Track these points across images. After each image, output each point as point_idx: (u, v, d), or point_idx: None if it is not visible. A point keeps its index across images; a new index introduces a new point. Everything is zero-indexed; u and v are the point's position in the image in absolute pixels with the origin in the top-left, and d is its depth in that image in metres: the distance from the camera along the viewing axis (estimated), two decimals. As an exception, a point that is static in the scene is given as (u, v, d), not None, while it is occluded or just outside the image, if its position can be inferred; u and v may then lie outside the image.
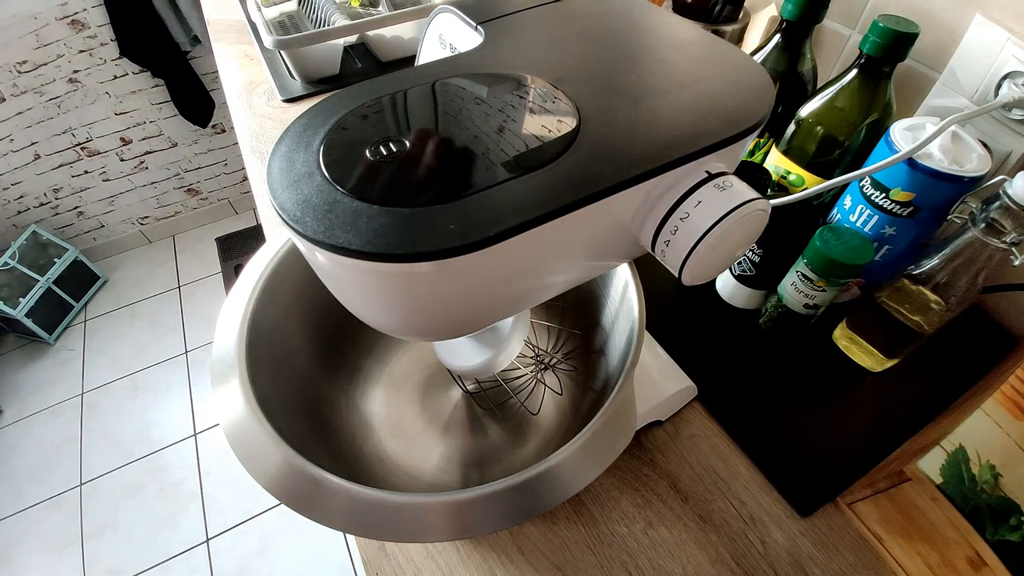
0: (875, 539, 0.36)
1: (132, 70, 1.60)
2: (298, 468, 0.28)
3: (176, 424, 1.49)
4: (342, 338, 0.42)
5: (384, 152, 0.20)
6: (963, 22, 0.41)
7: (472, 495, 0.26)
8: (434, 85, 0.23)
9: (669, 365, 0.42)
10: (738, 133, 0.21)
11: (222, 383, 0.31)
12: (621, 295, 0.37)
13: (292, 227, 0.18)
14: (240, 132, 0.69)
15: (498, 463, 0.40)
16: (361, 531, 0.26)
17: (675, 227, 0.20)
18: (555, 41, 0.26)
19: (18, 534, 1.32)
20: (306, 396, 0.38)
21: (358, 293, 0.21)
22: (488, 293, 0.21)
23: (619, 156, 0.20)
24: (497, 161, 0.19)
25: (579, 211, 0.19)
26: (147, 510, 1.34)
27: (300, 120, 0.22)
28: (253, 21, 0.76)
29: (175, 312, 1.77)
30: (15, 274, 1.61)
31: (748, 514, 0.38)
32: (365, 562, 0.36)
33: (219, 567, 1.25)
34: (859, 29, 0.49)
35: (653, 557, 0.36)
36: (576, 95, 0.22)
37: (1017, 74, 0.37)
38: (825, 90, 0.42)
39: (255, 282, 0.36)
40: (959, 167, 0.35)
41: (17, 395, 1.58)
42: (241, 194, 2.04)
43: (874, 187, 0.39)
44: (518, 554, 0.36)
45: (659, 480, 0.39)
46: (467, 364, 0.34)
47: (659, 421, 0.41)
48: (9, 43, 1.42)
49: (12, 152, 1.59)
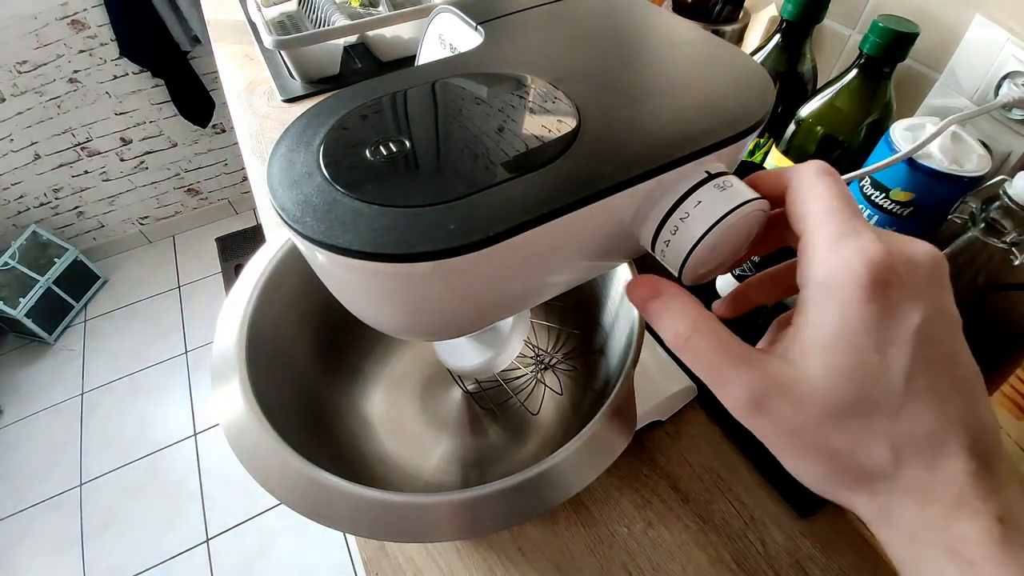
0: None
1: (132, 70, 1.60)
2: (298, 468, 0.28)
3: (176, 424, 1.49)
4: (342, 338, 0.42)
5: (384, 152, 0.20)
6: (963, 22, 0.41)
7: (472, 495, 0.26)
8: (434, 85, 0.23)
9: (669, 365, 0.42)
10: (738, 133, 0.21)
11: (222, 383, 0.31)
12: (621, 295, 0.37)
13: (292, 227, 0.18)
14: (240, 132, 0.69)
15: (498, 463, 0.40)
16: (361, 531, 0.27)
17: (675, 227, 0.20)
18: (555, 41, 0.26)
19: (18, 534, 1.32)
20: (306, 396, 0.38)
21: (358, 293, 0.21)
22: (488, 293, 0.21)
23: (619, 156, 0.20)
24: (497, 161, 0.19)
25: (579, 211, 0.19)
26: (147, 510, 1.34)
27: (300, 120, 0.22)
28: (253, 21, 0.76)
29: (175, 312, 1.77)
30: (15, 274, 1.61)
31: (748, 514, 0.38)
32: (365, 562, 0.36)
33: (219, 567, 1.25)
34: (859, 29, 0.49)
35: (653, 557, 0.36)
36: (576, 95, 0.22)
37: (1017, 74, 0.37)
38: (825, 90, 0.42)
39: (255, 282, 0.36)
40: (959, 167, 0.35)
41: (17, 395, 1.58)
42: (241, 194, 2.04)
43: (874, 187, 0.39)
44: (518, 554, 0.36)
45: (659, 480, 0.39)
46: (467, 364, 0.34)
47: (659, 421, 0.41)
48: (9, 43, 1.42)
49: (12, 152, 1.59)
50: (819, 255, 0.17)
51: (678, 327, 0.18)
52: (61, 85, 1.54)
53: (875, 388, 0.15)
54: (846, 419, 0.16)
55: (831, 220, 0.17)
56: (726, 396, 0.17)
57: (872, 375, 0.15)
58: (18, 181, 1.65)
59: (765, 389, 0.16)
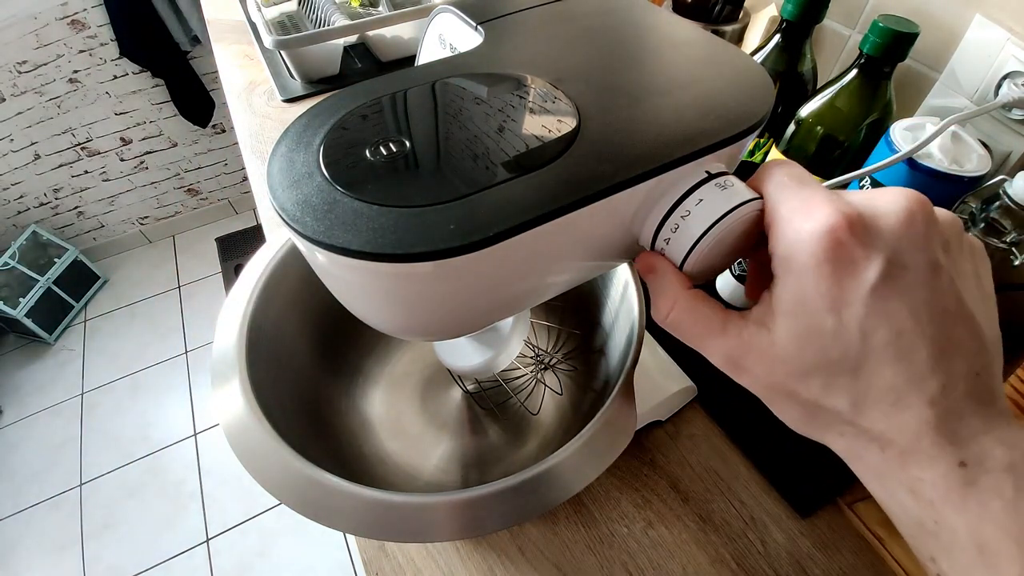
0: (875, 539, 0.36)
1: (132, 70, 1.60)
2: (298, 468, 0.28)
3: (176, 424, 1.49)
4: (342, 338, 0.42)
5: (384, 152, 0.20)
6: (963, 22, 0.41)
7: (472, 495, 0.26)
8: (434, 85, 0.23)
9: (669, 365, 0.42)
10: (738, 133, 0.21)
11: (222, 383, 0.31)
12: (621, 295, 0.37)
13: (292, 227, 0.18)
14: (240, 132, 0.69)
15: (498, 463, 0.40)
16: (361, 531, 0.27)
17: (675, 225, 0.20)
18: (555, 41, 0.26)
19: (18, 534, 1.32)
20: (306, 396, 0.38)
21: (358, 293, 0.21)
22: (488, 293, 0.21)
23: (619, 156, 0.20)
24: (497, 161, 0.19)
25: (579, 211, 0.19)
26: (147, 510, 1.34)
27: (300, 120, 0.22)
28: (253, 21, 0.76)
29: (175, 312, 1.77)
30: (15, 274, 1.61)
31: (748, 514, 0.38)
32: (365, 562, 0.36)
33: (219, 567, 1.25)
34: (859, 29, 0.49)
35: (653, 557, 0.36)
36: (576, 95, 0.22)
37: (1017, 74, 0.37)
38: (825, 90, 0.42)
39: (255, 282, 0.36)
40: (959, 167, 0.35)
41: (17, 395, 1.58)
42: (241, 194, 2.04)
43: (874, 187, 0.39)
44: (518, 554, 0.36)
45: (659, 480, 0.39)
46: (467, 364, 0.34)
47: (659, 421, 0.41)
48: (9, 43, 1.42)
49: (12, 152, 1.59)
50: (778, 229, 0.18)
51: (659, 304, 0.21)
52: (61, 85, 1.54)
53: (833, 348, 0.17)
54: (809, 377, 0.17)
55: (784, 196, 0.18)
56: (711, 359, 0.20)
57: (830, 335, 0.16)
58: (18, 181, 1.65)
59: (740, 353, 0.18)
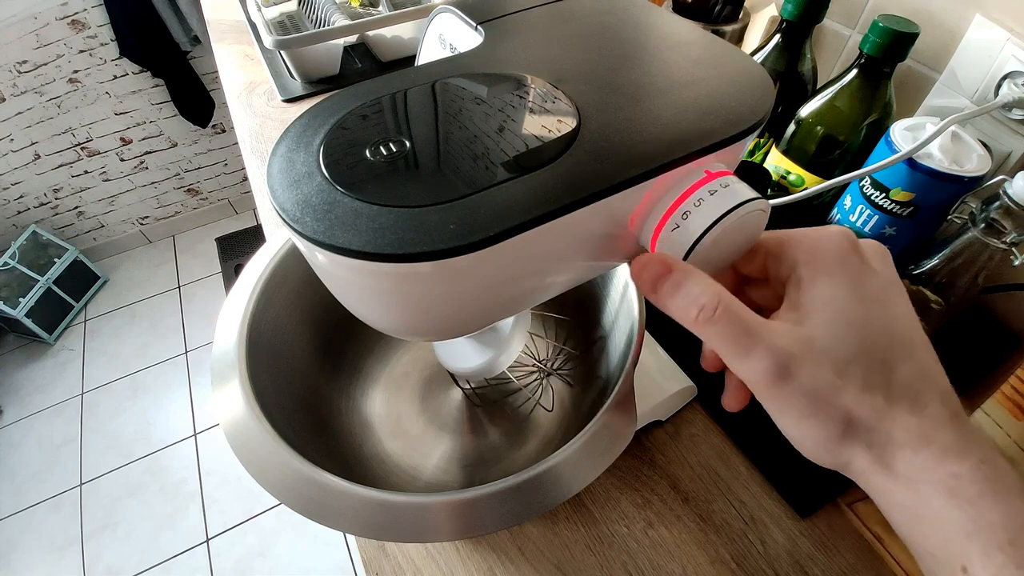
0: (875, 539, 0.36)
1: (132, 70, 1.60)
2: (298, 468, 0.28)
3: (176, 424, 1.49)
4: (342, 338, 0.42)
5: (384, 152, 0.20)
6: (963, 22, 0.41)
7: (473, 495, 0.26)
8: (434, 85, 0.23)
9: (669, 365, 0.42)
10: (738, 133, 0.21)
11: (222, 383, 0.31)
12: (621, 295, 0.37)
13: (292, 227, 0.18)
14: (240, 132, 0.69)
15: (498, 463, 0.40)
16: (361, 531, 0.26)
17: (675, 225, 0.20)
18: (555, 41, 0.26)
19: (18, 534, 1.32)
20: (306, 396, 0.38)
21: (358, 293, 0.21)
22: (488, 293, 0.21)
23: (619, 156, 0.20)
24: (497, 161, 0.19)
25: (580, 211, 0.19)
26: (147, 510, 1.34)
27: (300, 120, 0.22)
28: (253, 21, 0.76)
29: (175, 312, 1.77)
30: (15, 274, 1.61)
31: (748, 514, 0.38)
32: (365, 562, 0.36)
33: (219, 567, 1.25)
34: (859, 29, 0.49)
35: (653, 557, 0.36)
36: (576, 95, 0.22)
37: (1017, 74, 0.37)
38: (825, 90, 0.42)
39: (255, 282, 0.36)
40: (959, 167, 0.35)
41: (17, 395, 1.58)
42: (241, 194, 2.04)
43: (874, 187, 0.39)
44: (518, 554, 0.36)
45: (659, 480, 0.39)
46: (468, 366, 0.34)
47: (659, 421, 0.41)
48: (9, 43, 1.42)
49: (12, 152, 1.59)
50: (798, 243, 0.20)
51: (703, 300, 0.18)
52: (61, 85, 1.54)
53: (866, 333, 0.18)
54: (850, 367, 0.17)
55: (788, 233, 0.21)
56: (751, 367, 0.18)
57: (861, 322, 0.18)
58: (18, 181, 1.65)
59: (790, 354, 0.17)
